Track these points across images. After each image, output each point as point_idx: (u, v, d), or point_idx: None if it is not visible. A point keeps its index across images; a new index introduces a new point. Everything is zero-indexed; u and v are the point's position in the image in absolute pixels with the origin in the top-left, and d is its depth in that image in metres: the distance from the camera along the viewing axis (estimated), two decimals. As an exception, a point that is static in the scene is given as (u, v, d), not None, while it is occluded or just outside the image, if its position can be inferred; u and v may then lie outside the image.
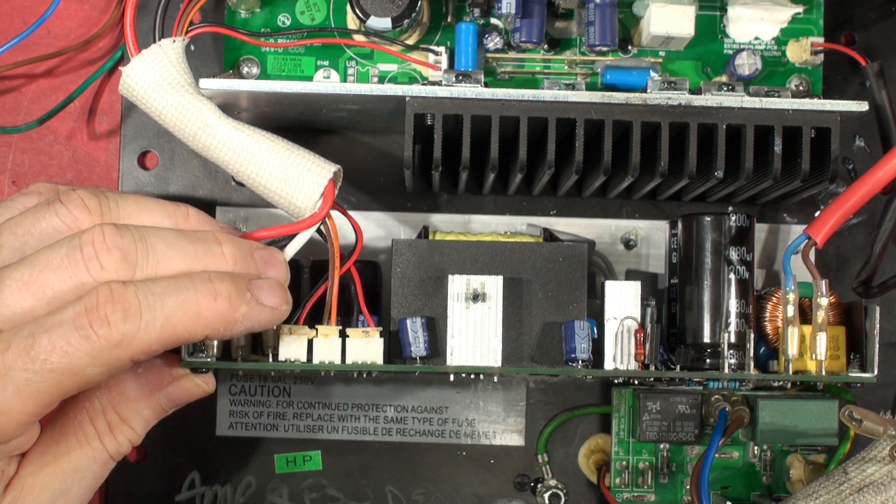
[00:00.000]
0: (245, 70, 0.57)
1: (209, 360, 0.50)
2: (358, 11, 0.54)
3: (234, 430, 0.59)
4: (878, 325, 0.52)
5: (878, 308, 0.52)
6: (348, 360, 0.51)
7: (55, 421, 0.47)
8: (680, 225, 0.56)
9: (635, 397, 0.57)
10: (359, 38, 0.57)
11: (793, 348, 0.52)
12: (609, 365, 0.53)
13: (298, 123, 0.57)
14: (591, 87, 0.56)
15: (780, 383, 0.54)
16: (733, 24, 0.57)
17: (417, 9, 0.54)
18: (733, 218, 0.55)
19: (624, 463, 0.58)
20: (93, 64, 0.60)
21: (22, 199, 0.51)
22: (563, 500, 0.59)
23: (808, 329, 0.52)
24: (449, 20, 0.57)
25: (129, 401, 0.48)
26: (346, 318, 0.53)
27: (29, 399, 0.42)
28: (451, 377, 0.54)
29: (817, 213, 0.57)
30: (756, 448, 0.58)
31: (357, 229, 0.52)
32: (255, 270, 0.46)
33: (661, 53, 0.58)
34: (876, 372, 0.53)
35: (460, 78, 0.51)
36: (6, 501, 0.45)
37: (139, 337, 0.42)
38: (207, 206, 0.58)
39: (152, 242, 0.44)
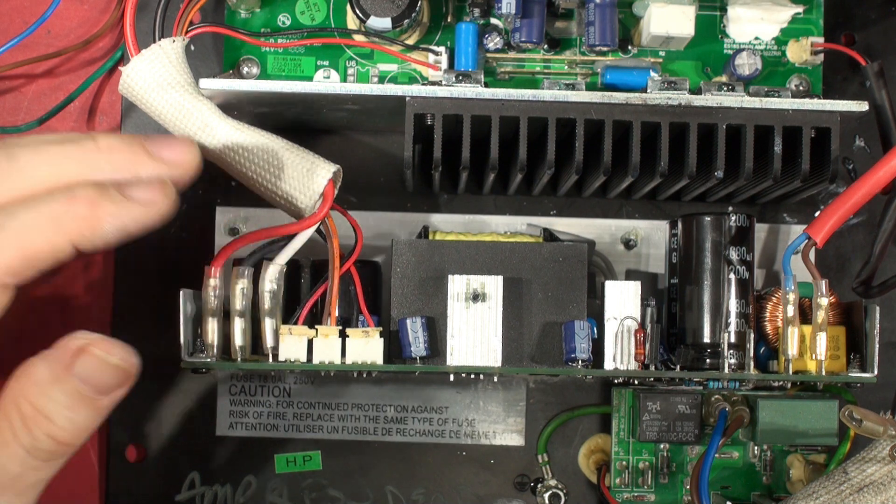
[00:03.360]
0: (245, 70, 0.57)
1: (209, 360, 0.50)
2: (358, 11, 0.54)
3: (234, 430, 0.59)
4: (878, 325, 0.52)
5: (878, 308, 0.52)
6: (348, 360, 0.51)
7: None
8: (680, 225, 0.56)
9: (635, 397, 0.57)
10: (359, 38, 0.57)
11: (793, 348, 0.52)
12: (609, 365, 0.53)
13: (298, 123, 0.57)
14: (591, 87, 0.56)
15: (780, 383, 0.54)
16: (733, 24, 0.57)
17: (417, 9, 0.54)
18: (733, 218, 0.55)
19: (624, 463, 0.58)
20: (93, 64, 0.60)
21: None
22: (563, 500, 0.59)
23: (808, 329, 0.52)
24: (449, 20, 0.57)
25: (41, 386, 0.42)
26: (346, 318, 0.53)
27: None
28: (451, 377, 0.54)
29: (817, 213, 0.57)
30: (756, 448, 0.58)
31: (357, 229, 0.52)
32: (143, 156, 0.43)
33: (661, 53, 0.58)
34: (876, 372, 0.53)
35: (460, 78, 0.51)
36: None
37: None
38: (207, 206, 0.58)
39: (15, 153, 0.42)
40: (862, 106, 0.51)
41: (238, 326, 0.51)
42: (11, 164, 0.42)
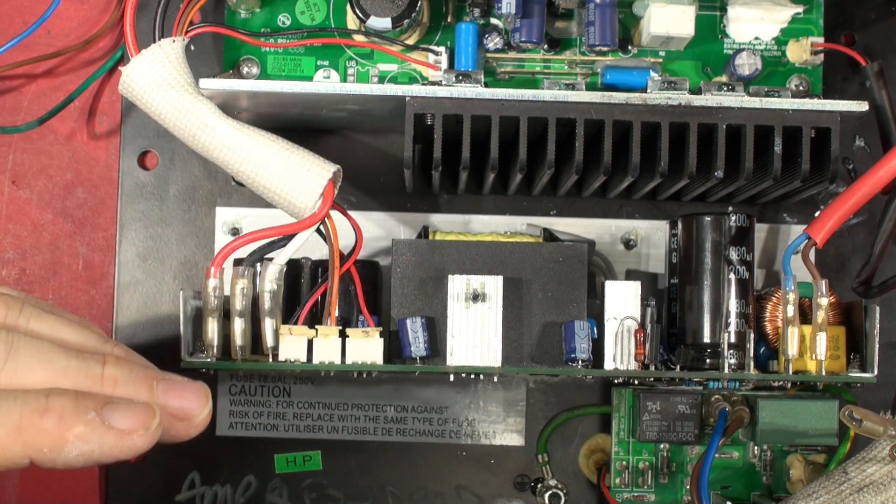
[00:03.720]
0: (245, 70, 0.57)
1: (209, 360, 0.50)
2: (358, 11, 0.54)
3: (234, 430, 0.59)
4: (878, 325, 0.52)
5: (878, 308, 0.52)
6: (348, 360, 0.51)
7: None
8: (680, 225, 0.56)
9: (635, 397, 0.57)
10: (359, 38, 0.57)
11: (793, 348, 0.52)
12: (609, 365, 0.53)
13: (298, 123, 0.57)
14: (591, 87, 0.56)
15: (780, 383, 0.54)
16: (733, 24, 0.57)
17: (417, 9, 0.54)
18: (733, 218, 0.55)
19: (624, 463, 0.58)
20: (93, 64, 0.60)
21: None
22: (563, 500, 0.59)
23: (808, 329, 0.52)
24: (449, 20, 0.57)
25: None
26: (346, 318, 0.53)
27: None
28: (451, 377, 0.54)
29: (817, 213, 0.57)
30: (756, 448, 0.58)
31: (357, 229, 0.52)
32: (147, 398, 0.40)
33: (661, 53, 0.58)
34: (876, 372, 0.53)
35: (460, 78, 0.51)
36: None
37: None
38: (207, 206, 0.58)
39: (18, 348, 0.39)
40: (862, 106, 0.51)
41: (238, 326, 0.51)
42: (8, 361, 0.39)
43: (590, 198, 0.59)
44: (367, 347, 0.51)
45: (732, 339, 0.54)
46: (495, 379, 0.58)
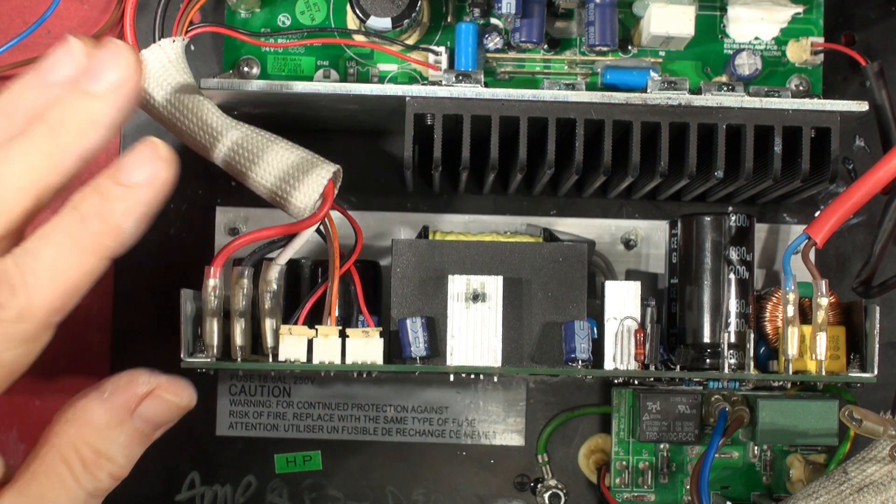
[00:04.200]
0: (245, 70, 0.57)
1: (209, 360, 0.50)
2: (358, 11, 0.54)
3: (234, 430, 0.59)
4: (878, 325, 0.52)
5: (878, 308, 0.52)
6: (348, 360, 0.51)
7: (29, 463, 0.42)
8: (680, 225, 0.56)
9: (635, 397, 0.57)
10: (359, 38, 0.57)
11: (793, 348, 0.52)
12: (609, 365, 0.53)
13: (298, 123, 0.56)
14: (591, 87, 0.56)
15: (780, 383, 0.54)
16: (733, 24, 0.57)
17: (417, 9, 0.54)
18: (733, 218, 0.55)
19: (624, 463, 0.58)
20: (93, 64, 0.60)
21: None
22: (563, 500, 0.59)
23: (808, 329, 0.52)
24: (449, 20, 0.57)
25: (101, 430, 0.42)
26: (346, 318, 0.53)
27: None
28: (451, 377, 0.54)
29: (817, 213, 0.57)
30: (756, 448, 0.58)
31: (357, 229, 0.52)
32: (90, 110, 0.39)
33: (661, 53, 0.58)
34: (876, 372, 0.53)
35: (460, 78, 0.51)
36: None
37: (35, 301, 0.39)
38: (207, 206, 0.58)
39: None
40: (862, 106, 0.51)
41: (238, 326, 0.51)
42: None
43: (590, 198, 0.59)
44: (367, 347, 0.51)
45: (732, 339, 0.54)
46: (495, 379, 0.58)
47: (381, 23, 0.54)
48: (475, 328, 0.52)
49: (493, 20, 0.57)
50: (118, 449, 0.42)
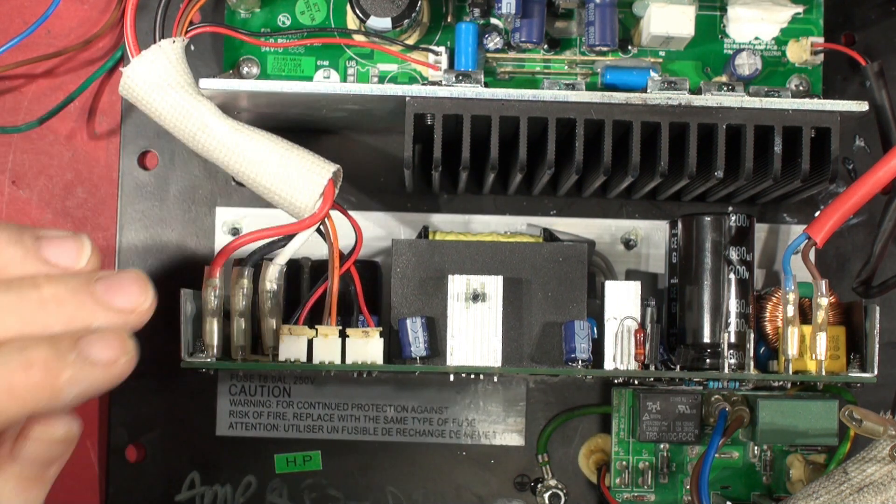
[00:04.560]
0: (245, 70, 0.57)
1: (209, 360, 0.50)
2: (358, 11, 0.54)
3: (234, 430, 0.59)
4: (878, 325, 0.52)
5: (878, 308, 0.52)
6: (348, 360, 0.51)
7: None
8: (680, 225, 0.56)
9: (635, 397, 0.57)
10: (359, 38, 0.57)
11: (793, 348, 0.52)
12: (609, 365, 0.53)
13: (298, 123, 0.57)
14: (591, 87, 0.56)
15: (780, 383, 0.54)
16: (733, 24, 0.57)
17: (417, 9, 0.54)
18: (733, 218, 0.55)
19: (624, 463, 0.58)
20: (93, 64, 0.60)
21: None
22: (563, 500, 0.59)
23: (808, 329, 0.52)
24: (449, 20, 0.57)
25: None
26: (346, 318, 0.53)
27: None
28: (451, 377, 0.54)
29: (817, 213, 0.57)
30: (756, 448, 0.58)
31: (357, 229, 0.52)
32: (93, 307, 0.39)
33: (661, 53, 0.58)
34: (876, 372, 0.53)
35: (460, 78, 0.51)
36: None
37: None
38: (207, 206, 0.58)
39: None
40: (862, 106, 0.51)
41: (238, 326, 0.51)
42: None
43: (590, 198, 0.59)
44: (367, 347, 0.51)
45: (732, 339, 0.54)
46: (495, 379, 0.58)
47: (381, 23, 0.54)
48: (475, 328, 0.52)
49: (493, 20, 0.57)
50: (9, 496, 0.40)
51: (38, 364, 0.37)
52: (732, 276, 0.55)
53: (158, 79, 0.50)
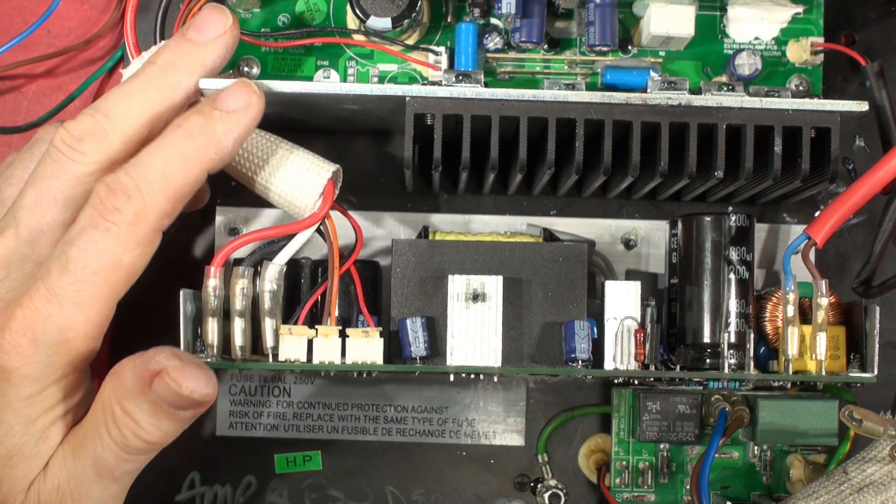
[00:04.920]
0: (245, 70, 0.57)
1: (209, 359, 0.50)
2: (358, 11, 0.54)
3: (234, 430, 0.59)
4: (878, 325, 0.52)
5: (878, 308, 0.52)
6: (348, 360, 0.51)
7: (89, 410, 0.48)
8: (680, 225, 0.56)
9: (635, 397, 0.57)
10: (359, 38, 0.57)
11: (793, 348, 0.52)
12: (609, 365, 0.53)
13: (298, 123, 0.57)
14: (591, 87, 0.56)
15: (780, 383, 0.54)
16: (733, 24, 0.57)
17: (417, 9, 0.54)
18: (733, 218, 0.55)
19: (624, 463, 0.58)
20: (93, 64, 0.60)
21: (33, 148, 0.53)
22: (563, 500, 0.59)
23: (808, 329, 0.52)
24: (449, 20, 0.57)
25: (128, 392, 0.46)
26: (346, 318, 0.53)
27: (87, 307, 0.45)
28: (451, 377, 0.54)
29: (817, 213, 0.57)
30: (756, 448, 0.58)
31: (357, 229, 0.52)
32: (198, 55, 0.48)
33: (661, 53, 0.58)
34: (876, 372, 0.53)
35: (460, 78, 0.51)
36: (41, 477, 0.46)
37: (149, 206, 0.45)
38: (207, 207, 0.58)
39: (105, 108, 0.47)
40: (862, 106, 0.51)
41: (238, 326, 0.51)
42: (112, 119, 0.46)
43: (590, 198, 0.59)
44: (367, 347, 0.51)
45: (732, 339, 0.54)
46: (495, 379, 0.58)
47: (381, 23, 0.54)
48: (475, 328, 0.52)
49: (493, 20, 0.57)
50: (143, 415, 0.46)
51: (196, 130, 0.46)
52: (732, 276, 0.55)
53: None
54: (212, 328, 0.50)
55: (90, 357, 0.47)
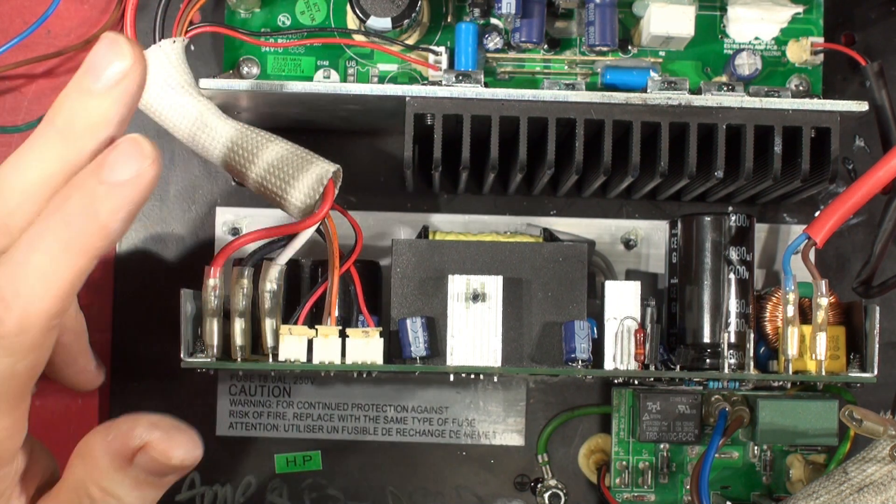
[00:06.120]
0: (245, 70, 0.57)
1: (209, 360, 0.50)
2: (358, 11, 0.54)
3: (234, 430, 0.59)
4: (878, 325, 0.52)
5: (878, 308, 0.52)
6: (348, 360, 0.51)
7: (56, 489, 0.44)
8: (680, 225, 0.56)
9: (635, 397, 0.57)
10: (359, 38, 0.57)
11: (793, 348, 0.52)
12: (609, 365, 0.53)
13: (298, 123, 0.57)
14: (591, 87, 0.56)
15: (780, 383, 0.54)
16: (733, 24, 0.57)
17: (417, 9, 0.54)
18: (733, 218, 0.55)
19: (624, 463, 0.58)
20: (93, 64, 0.60)
21: None
22: (563, 500, 0.59)
23: (808, 329, 0.52)
24: (449, 20, 0.57)
25: (104, 472, 0.42)
26: (346, 318, 0.53)
27: None
28: (451, 377, 0.54)
29: (817, 213, 0.57)
30: (756, 448, 0.58)
31: (357, 229, 0.52)
32: (100, 109, 0.39)
33: (661, 53, 0.58)
34: (876, 372, 0.53)
35: (460, 78, 0.51)
36: None
37: (32, 312, 0.38)
38: (207, 206, 0.58)
39: (0, 188, 0.39)
40: (862, 106, 0.51)
41: (238, 326, 0.51)
42: (5, 204, 0.39)
43: (590, 198, 0.59)
44: (367, 347, 0.51)
45: (732, 339, 0.54)
46: (495, 379, 0.58)
47: (381, 23, 0.54)
48: (475, 328, 0.52)
49: (493, 20, 0.57)
50: (126, 490, 0.43)
51: (75, 214, 0.38)
52: (732, 276, 0.55)
53: (158, 79, 0.50)
54: (212, 328, 0.50)
55: (15, 447, 0.42)
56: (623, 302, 0.53)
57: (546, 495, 0.59)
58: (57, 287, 0.38)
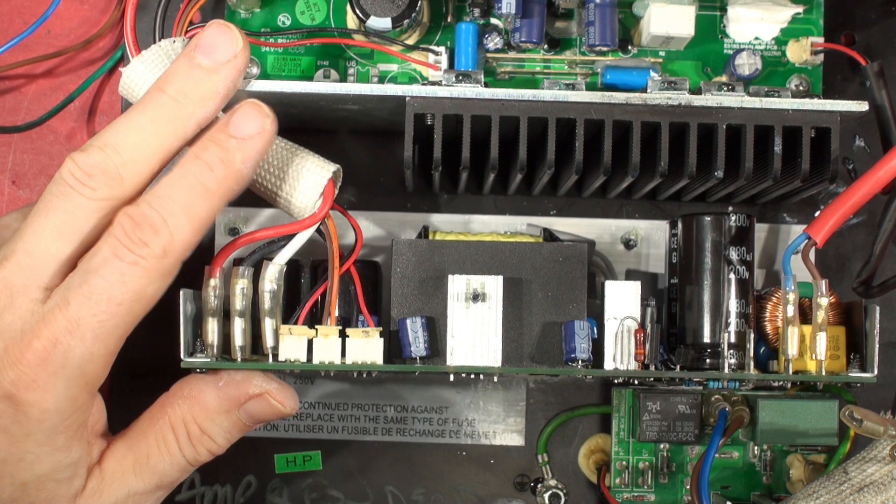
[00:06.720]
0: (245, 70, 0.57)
1: (209, 360, 0.50)
2: (358, 11, 0.54)
3: (234, 430, 0.59)
4: (878, 325, 0.52)
5: (878, 308, 0.52)
6: (348, 360, 0.51)
7: (139, 423, 0.50)
8: (680, 225, 0.56)
9: (635, 397, 0.57)
10: (359, 38, 0.57)
11: (793, 348, 0.52)
12: (609, 365, 0.53)
13: (298, 123, 0.56)
14: (591, 87, 0.56)
15: (780, 383, 0.54)
16: (733, 24, 0.57)
17: (417, 9, 0.54)
18: (733, 218, 0.55)
19: (624, 463, 0.58)
20: (93, 64, 0.60)
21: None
22: (563, 500, 0.59)
23: (808, 329, 0.52)
24: (449, 20, 0.57)
25: (210, 413, 0.49)
26: (346, 318, 0.53)
27: (109, 337, 0.45)
28: (451, 377, 0.54)
29: (817, 213, 0.57)
30: (756, 448, 0.58)
31: (357, 229, 0.52)
32: (211, 83, 0.46)
33: (661, 53, 0.58)
34: (876, 372, 0.53)
35: (460, 78, 0.51)
36: (88, 487, 0.47)
37: (175, 240, 0.45)
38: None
39: (115, 142, 0.45)
40: (862, 106, 0.51)
41: (238, 326, 0.51)
42: (121, 153, 0.45)
43: (590, 198, 0.59)
44: (367, 347, 0.51)
45: (732, 339, 0.54)
46: (495, 379, 0.58)
47: (381, 23, 0.54)
48: (475, 328, 0.52)
49: (493, 20, 0.57)
50: (220, 432, 0.50)
51: (215, 161, 0.46)
52: (732, 275, 0.55)
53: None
54: (212, 328, 0.50)
55: (103, 380, 0.47)
56: (623, 302, 0.53)
57: (546, 495, 0.59)
58: (198, 221, 0.45)
